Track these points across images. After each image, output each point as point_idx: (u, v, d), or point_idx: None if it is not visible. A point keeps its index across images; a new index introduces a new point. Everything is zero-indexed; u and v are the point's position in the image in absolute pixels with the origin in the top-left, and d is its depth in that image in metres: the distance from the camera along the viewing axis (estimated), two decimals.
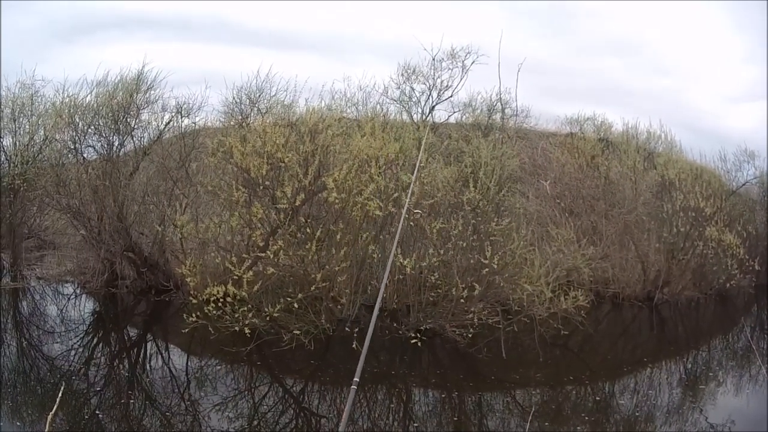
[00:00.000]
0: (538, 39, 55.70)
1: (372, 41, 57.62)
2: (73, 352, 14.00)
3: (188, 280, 14.46)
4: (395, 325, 15.31)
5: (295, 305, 13.86)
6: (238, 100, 22.17)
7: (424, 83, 26.98)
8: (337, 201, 14.38)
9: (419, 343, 13.89)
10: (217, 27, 56.85)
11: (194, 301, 13.71)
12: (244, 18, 61.08)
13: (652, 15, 58.69)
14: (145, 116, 20.51)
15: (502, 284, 15.37)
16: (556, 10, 56.80)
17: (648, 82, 53.94)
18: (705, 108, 54.17)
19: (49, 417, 6.34)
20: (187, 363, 13.93)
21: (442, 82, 26.82)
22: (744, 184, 27.99)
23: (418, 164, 9.92)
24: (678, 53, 60.80)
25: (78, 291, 20.90)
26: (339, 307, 15.04)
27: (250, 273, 13.79)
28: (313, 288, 14.05)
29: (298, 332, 13.58)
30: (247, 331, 13.27)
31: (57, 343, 14.93)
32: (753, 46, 56.65)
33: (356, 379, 4.26)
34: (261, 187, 14.97)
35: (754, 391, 13.46)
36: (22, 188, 20.55)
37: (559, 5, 56.20)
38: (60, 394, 6.97)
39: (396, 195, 14.83)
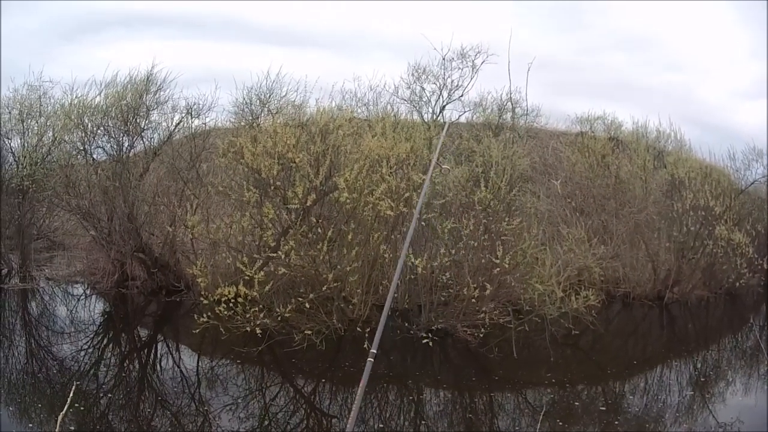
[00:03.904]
0: (548, 36, 55.81)
1: (383, 39, 57.75)
2: (83, 353, 14.01)
3: (199, 280, 14.44)
4: (407, 324, 15.33)
5: (307, 305, 13.85)
6: (248, 101, 22.19)
7: (435, 83, 27.03)
8: (348, 201, 14.37)
9: (431, 343, 13.89)
10: (225, 25, 56.96)
11: (205, 301, 13.69)
12: (253, 15, 61.13)
13: (661, 11, 58.66)
14: (154, 117, 20.58)
15: (513, 284, 15.40)
16: (566, 7, 56.81)
17: (658, 79, 53.95)
18: (715, 104, 54.15)
19: (60, 417, 6.34)
20: (197, 363, 13.92)
21: (452, 81, 26.88)
22: (753, 183, 27.92)
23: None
24: (688, 49, 60.81)
25: (88, 292, 20.94)
26: (350, 307, 15.03)
27: (262, 273, 13.78)
28: (324, 288, 14.05)
29: (309, 332, 13.56)
30: (258, 331, 13.27)
31: (67, 343, 14.94)
32: (763, 42, 56.57)
33: (373, 350, 4.20)
34: (272, 188, 14.97)
35: (763, 389, 13.47)
36: (31, 189, 20.62)
37: (568, 3, 56.20)
38: (71, 395, 6.94)
39: (407, 195, 14.82)
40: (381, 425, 10.64)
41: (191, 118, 20.75)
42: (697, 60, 59.56)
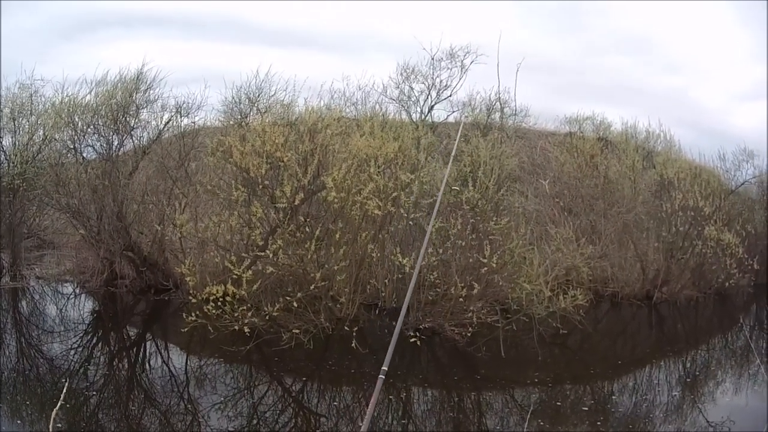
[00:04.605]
0: (548, 38, 55.89)
1: (384, 40, 57.53)
2: (72, 352, 14.01)
3: (187, 279, 14.46)
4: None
5: (295, 304, 13.90)
6: (237, 100, 22.29)
7: (423, 83, 27.07)
8: (336, 200, 14.41)
9: (418, 342, 13.87)
10: (225, 25, 56.81)
11: (193, 300, 13.70)
12: (253, 16, 60.99)
13: (661, 12, 58.70)
14: (144, 115, 20.59)
15: (501, 283, 15.42)
16: (566, 8, 56.92)
17: (657, 80, 54.00)
18: (713, 106, 54.23)
19: (53, 414, 6.37)
20: (186, 362, 13.94)
21: (441, 81, 26.92)
22: (743, 184, 28.04)
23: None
24: (687, 50, 60.88)
25: (77, 290, 20.91)
26: (338, 306, 15.06)
27: (250, 272, 13.80)
28: (312, 287, 14.07)
29: (297, 331, 13.59)
30: (246, 330, 13.27)
31: (56, 342, 14.94)
32: (761, 44, 56.63)
33: (384, 368, 4.22)
34: (260, 187, 14.98)
35: (753, 390, 13.46)
36: (21, 188, 20.55)
37: (569, 4, 56.26)
38: (64, 391, 6.98)
39: (395, 194, 14.85)
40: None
41: (180, 116, 20.80)
42: (696, 61, 59.67)
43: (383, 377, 4.18)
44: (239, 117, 21.68)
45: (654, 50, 57.55)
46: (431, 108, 27.25)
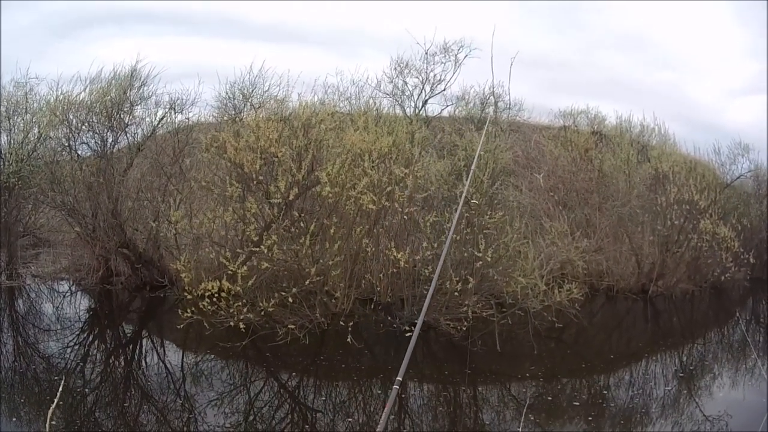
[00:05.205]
0: (547, 37, 55.83)
1: (382, 38, 57.44)
2: (69, 350, 13.99)
3: (183, 275, 14.42)
4: (389, 318, 15.33)
5: (290, 300, 13.87)
6: (231, 96, 22.29)
7: (417, 77, 27.10)
8: (330, 195, 14.41)
9: None
10: (216, 21, 56.54)
11: (189, 296, 13.67)
12: (251, 13, 60.76)
13: (658, 11, 58.80)
14: (138, 112, 20.58)
15: (495, 277, 15.39)
16: (565, 7, 57.03)
17: (655, 77, 53.95)
18: (707, 102, 54.18)
19: (50, 411, 6.38)
20: (182, 359, 13.93)
21: (435, 75, 26.96)
22: (738, 177, 28.06)
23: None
24: (684, 48, 60.88)
25: (73, 288, 20.88)
26: (333, 301, 15.07)
27: (245, 268, 13.79)
28: (307, 282, 14.08)
29: (292, 327, 13.59)
30: (241, 326, 13.29)
31: (53, 340, 14.92)
32: (756, 39, 56.59)
33: (399, 378, 4.24)
34: (254, 182, 14.99)
35: (750, 384, 13.47)
36: (17, 186, 20.53)
37: (567, 4, 56.33)
38: (60, 389, 6.99)
39: (389, 189, 14.85)
40: (365, 418, 10.67)
41: (174, 113, 20.79)
42: (692, 58, 59.61)
43: (398, 387, 4.21)
44: (233, 113, 21.69)
45: (651, 48, 57.57)
46: (425, 102, 27.35)
